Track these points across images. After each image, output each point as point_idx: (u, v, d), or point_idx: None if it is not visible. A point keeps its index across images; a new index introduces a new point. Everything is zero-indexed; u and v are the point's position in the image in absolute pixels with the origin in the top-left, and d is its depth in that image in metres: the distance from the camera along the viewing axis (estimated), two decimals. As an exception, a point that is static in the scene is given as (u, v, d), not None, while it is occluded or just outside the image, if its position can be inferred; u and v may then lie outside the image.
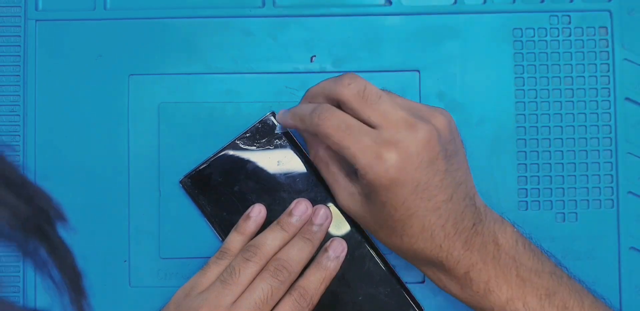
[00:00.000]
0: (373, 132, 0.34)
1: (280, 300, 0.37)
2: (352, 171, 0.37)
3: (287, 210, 0.40)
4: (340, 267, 0.39)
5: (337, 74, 0.42)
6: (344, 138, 0.34)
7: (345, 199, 0.37)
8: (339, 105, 0.36)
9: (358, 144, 0.34)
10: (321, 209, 0.39)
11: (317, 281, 0.38)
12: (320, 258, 0.39)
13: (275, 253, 0.38)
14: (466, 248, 0.35)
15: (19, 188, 0.18)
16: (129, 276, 0.42)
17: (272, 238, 0.38)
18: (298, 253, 0.38)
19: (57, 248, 0.19)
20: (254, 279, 0.37)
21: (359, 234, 0.41)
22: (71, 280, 0.19)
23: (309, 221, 0.39)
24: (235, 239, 0.39)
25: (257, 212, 0.40)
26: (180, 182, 0.41)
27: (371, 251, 0.41)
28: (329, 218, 0.40)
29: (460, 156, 0.36)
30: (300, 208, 0.39)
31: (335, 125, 0.34)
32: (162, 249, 0.42)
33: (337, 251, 0.39)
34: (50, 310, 0.20)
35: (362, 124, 0.34)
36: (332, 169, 0.38)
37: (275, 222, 0.40)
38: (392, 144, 0.33)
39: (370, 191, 0.35)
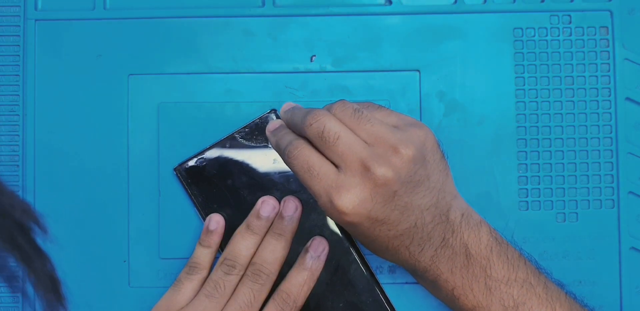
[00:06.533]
0: (332, 174, 0.34)
1: (264, 305, 0.38)
2: None
3: (254, 211, 0.39)
4: (326, 272, 0.39)
5: (337, 74, 0.43)
6: (306, 179, 0.35)
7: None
8: None
9: (317, 185, 0.34)
10: (289, 201, 0.39)
11: (299, 284, 0.38)
12: (302, 258, 0.39)
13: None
14: (433, 260, 0.36)
15: None
16: (128, 277, 0.42)
17: (246, 247, 0.38)
18: (271, 254, 0.38)
19: (29, 257, 0.19)
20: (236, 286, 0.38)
21: (346, 241, 0.40)
22: (47, 287, 0.19)
23: (278, 215, 0.39)
24: (202, 253, 0.39)
25: (216, 224, 0.40)
26: (175, 169, 0.41)
27: (357, 259, 0.40)
28: (299, 208, 0.39)
29: (432, 178, 0.35)
30: (267, 208, 0.39)
31: (299, 165, 0.35)
32: (162, 250, 0.42)
33: (318, 251, 0.39)
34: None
35: (323, 163, 0.34)
36: None
37: (244, 225, 0.39)
38: (345, 190, 0.33)
39: None
